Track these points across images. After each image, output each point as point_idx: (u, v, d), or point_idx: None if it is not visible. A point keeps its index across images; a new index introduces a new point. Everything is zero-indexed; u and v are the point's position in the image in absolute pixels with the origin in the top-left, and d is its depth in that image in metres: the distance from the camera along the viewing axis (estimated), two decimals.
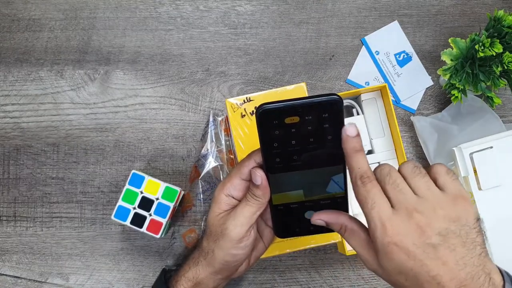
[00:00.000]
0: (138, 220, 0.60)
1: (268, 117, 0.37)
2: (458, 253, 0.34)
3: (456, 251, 0.34)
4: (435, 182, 0.36)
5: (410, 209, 0.34)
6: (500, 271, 0.35)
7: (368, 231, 0.38)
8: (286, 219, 0.43)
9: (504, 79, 0.60)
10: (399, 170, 0.37)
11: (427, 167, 0.38)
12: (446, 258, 0.34)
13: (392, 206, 0.35)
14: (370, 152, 0.65)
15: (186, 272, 0.48)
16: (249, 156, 0.42)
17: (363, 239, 0.38)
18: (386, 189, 0.36)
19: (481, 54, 0.56)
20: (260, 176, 0.40)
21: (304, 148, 0.38)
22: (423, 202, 0.35)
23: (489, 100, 0.61)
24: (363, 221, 0.39)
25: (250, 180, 0.41)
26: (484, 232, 0.36)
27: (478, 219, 0.35)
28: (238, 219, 0.42)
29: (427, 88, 0.70)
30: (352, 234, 0.39)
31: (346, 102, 0.65)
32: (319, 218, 0.41)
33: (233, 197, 0.44)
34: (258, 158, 0.41)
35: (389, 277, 0.36)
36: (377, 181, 0.37)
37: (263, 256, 0.50)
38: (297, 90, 0.59)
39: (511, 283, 0.34)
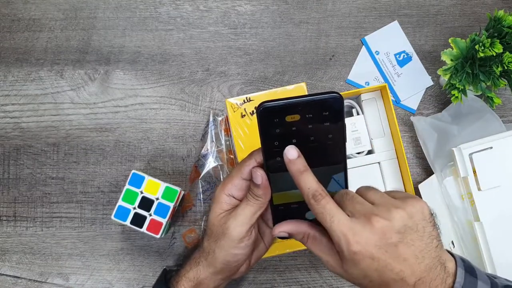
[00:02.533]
0: (138, 220, 0.60)
1: (268, 115, 0.37)
2: (417, 247, 0.36)
3: (415, 245, 0.36)
4: None
5: (368, 214, 0.36)
6: (454, 257, 0.38)
7: (329, 237, 0.39)
8: (287, 220, 0.43)
9: (504, 79, 0.60)
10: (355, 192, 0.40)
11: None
12: (406, 254, 0.36)
13: (350, 216, 0.37)
14: (370, 152, 0.65)
15: (187, 272, 0.48)
16: (250, 155, 0.42)
17: (325, 245, 0.40)
18: (344, 204, 0.38)
19: (481, 54, 0.56)
20: (260, 176, 0.40)
21: (304, 146, 0.38)
22: (378, 207, 0.37)
23: (489, 100, 0.61)
24: None
25: (250, 180, 0.41)
26: (438, 225, 0.38)
27: (432, 214, 0.38)
28: (239, 219, 0.42)
29: (427, 88, 0.70)
30: (314, 241, 0.41)
31: (346, 102, 0.65)
32: (280, 230, 0.42)
33: (234, 197, 0.44)
34: (259, 158, 0.41)
35: (354, 280, 0.38)
36: (336, 201, 0.38)
37: (263, 256, 0.50)
38: (297, 90, 0.60)
39: (463, 267, 0.37)
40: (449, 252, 0.39)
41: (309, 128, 0.37)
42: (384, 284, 0.36)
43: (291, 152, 0.38)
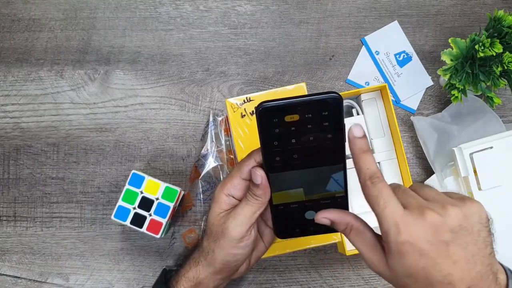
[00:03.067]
0: (138, 220, 0.60)
1: (268, 116, 0.37)
2: (470, 251, 0.33)
3: (467, 249, 0.33)
4: None
5: (421, 208, 0.34)
6: (505, 269, 0.36)
7: (373, 232, 0.38)
8: (286, 220, 0.43)
9: (504, 79, 0.60)
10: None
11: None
12: (458, 256, 0.33)
13: (403, 207, 0.35)
14: None
15: (187, 272, 0.48)
16: (250, 155, 0.42)
17: (369, 239, 0.38)
18: (396, 195, 0.36)
19: (481, 54, 0.56)
20: (260, 175, 0.40)
21: (304, 146, 0.38)
22: (432, 202, 0.35)
23: (489, 100, 0.61)
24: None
25: (250, 180, 0.41)
26: (493, 233, 0.36)
27: (489, 219, 0.35)
28: (238, 219, 0.42)
29: (427, 88, 0.70)
30: (358, 234, 0.38)
31: (346, 102, 0.65)
32: (324, 216, 0.40)
33: (234, 197, 0.44)
34: (258, 157, 0.41)
35: (397, 279, 0.36)
36: None
37: (263, 256, 0.50)
38: (297, 90, 0.59)
39: None
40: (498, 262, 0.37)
41: (309, 128, 0.37)
42: (429, 286, 0.34)
43: (357, 131, 0.37)
